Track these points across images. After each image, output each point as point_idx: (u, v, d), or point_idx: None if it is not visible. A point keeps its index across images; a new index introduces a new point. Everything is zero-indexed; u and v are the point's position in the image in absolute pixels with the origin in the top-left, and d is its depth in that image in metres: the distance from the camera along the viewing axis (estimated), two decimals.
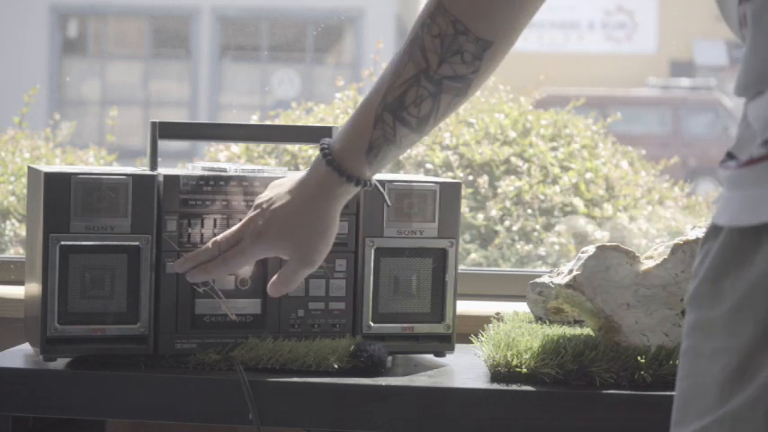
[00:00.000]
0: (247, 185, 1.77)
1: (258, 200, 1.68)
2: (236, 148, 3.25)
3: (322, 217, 1.64)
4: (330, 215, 1.64)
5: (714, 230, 1.22)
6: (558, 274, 1.79)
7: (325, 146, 1.62)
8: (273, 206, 1.65)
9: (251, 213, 1.67)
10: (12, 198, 3.16)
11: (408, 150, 1.63)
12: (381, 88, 1.59)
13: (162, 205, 1.75)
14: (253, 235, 1.66)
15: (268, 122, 3.35)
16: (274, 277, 1.69)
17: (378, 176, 1.83)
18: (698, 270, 1.24)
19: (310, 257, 1.65)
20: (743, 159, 1.18)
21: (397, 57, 1.58)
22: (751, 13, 1.21)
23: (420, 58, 1.56)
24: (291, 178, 1.68)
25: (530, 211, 3.14)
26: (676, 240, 1.75)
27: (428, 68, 1.56)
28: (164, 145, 1.79)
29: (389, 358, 1.80)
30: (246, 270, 1.77)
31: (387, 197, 1.76)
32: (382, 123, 1.59)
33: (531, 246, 3.13)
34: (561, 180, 3.16)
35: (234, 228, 1.68)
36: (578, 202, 3.16)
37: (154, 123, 1.78)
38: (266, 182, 1.77)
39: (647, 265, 1.75)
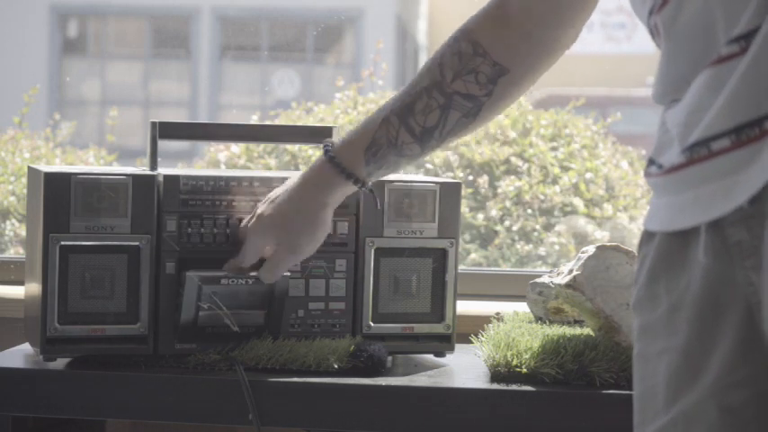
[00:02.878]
0: (248, 186, 1.77)
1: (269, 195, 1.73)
2: (236, 148, 3.25)
3: (312, 208, 1.67)
4: (320, 208, 1.67)
5: (648, 236, 1.28)
6: (558, 274, 1.79)
7: (328, 143, 1.67)
8: (273, 199, 1.70)
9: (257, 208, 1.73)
10: (12, 198, 3.16)
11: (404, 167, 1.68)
12: (395, 97, 1.63)
13: (162, 205, 1.75)
14: (254, 228, 1.70)
15: (268, 122, 3.35)
16: (259, 269, 1.72)
17: None
18: (638, 276, 1.29)
19: (294, 244, 1.69)
20: (666, 167, 1.23)
21: (418, 72, 1.62)
22: (662, 24, 1.25)
23: (436, 72, 1.59)
24: (297, 174, 1.72)
25: (530, 211, 3.14)
26: None
27: (442, 81, 1.59)
28: (164, 145, 1.79)
29: (389, 358, 1.80)
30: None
31: (378, 201, 1.76)
32: (387, 124, 1.62)
33: (531, 246, 3.13)
34: (561, 180, 3.16)
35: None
36: (578, 202, 3.16)
37: (154, 123, 1.78)
38: (266, 181, 1.77)
39: None
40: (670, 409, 1.22)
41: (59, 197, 1.71)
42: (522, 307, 1.96)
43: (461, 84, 1.59)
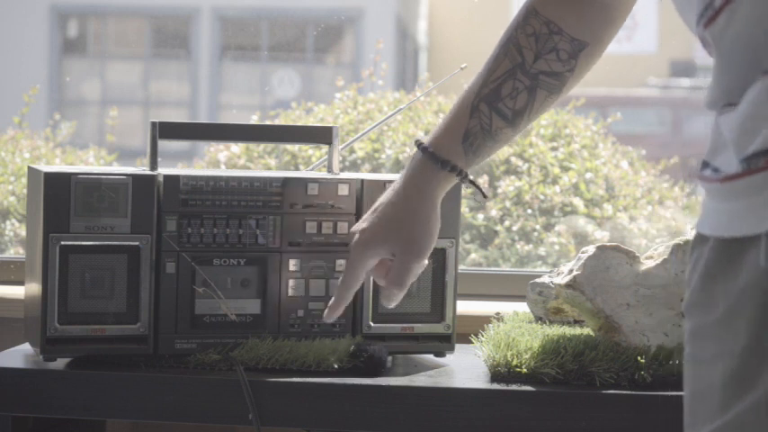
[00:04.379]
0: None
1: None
2: (236, 148, 3.25)
3: (421, 208, 1.63)
4: (429, 205, 1.63)
5: (701, 239, 1.27)
6: (558, 274, 1.79)
7: (419, 139, 1.64)
8: (376, 210, 1.65)
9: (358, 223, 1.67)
10: (12, 198, 3.16)
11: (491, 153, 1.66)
12: (477, 83, 1.62)
13: (162, 205, 1.75)
14: (359, 241, 1.65)
15: (268, 122, 3.35)
16: (385, 282, 1.66)
17: (377, 176, 1.83)
18: (690, 278, 1.27)
19: (415, 248, 1.63)
20: (723, 173, 1.23)
21: (492, 56, 1.62)
22: (711, 38, 1.26)
23: (515, 54, 1.60)
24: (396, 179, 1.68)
25: (530, 211, 3.14)
26: (676, 240, 1.75)
27: (524, 63, 1.60)
28: (164, 145, 1.79)
29: (389, 358, 1.80)
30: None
31: (483, 190, 1.73)
32: (478, 113, 1.61)
33: (531, 246, 3.13)
34: (561, 180, 3.16)
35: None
36: (578, 202, 3.15)
37: (154, 123, 1.78)
38: (266, 181, 1.77)
39: (646, 265, 1.75)
40: (726, 412, 1.21)
41: (59, 197, 1.71)
42: (522, 307, 1.96)
43: (544, 63, 1.60)
